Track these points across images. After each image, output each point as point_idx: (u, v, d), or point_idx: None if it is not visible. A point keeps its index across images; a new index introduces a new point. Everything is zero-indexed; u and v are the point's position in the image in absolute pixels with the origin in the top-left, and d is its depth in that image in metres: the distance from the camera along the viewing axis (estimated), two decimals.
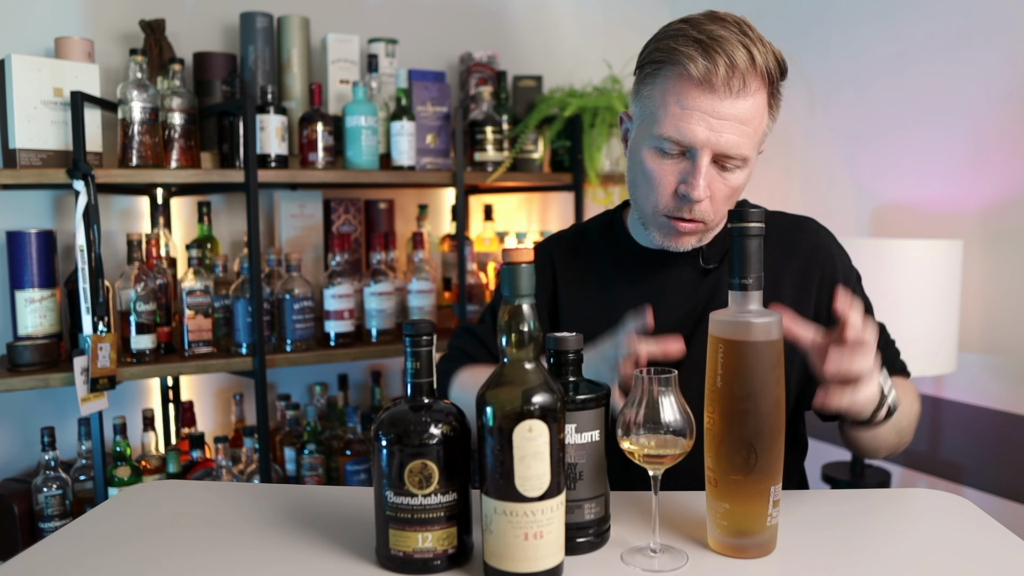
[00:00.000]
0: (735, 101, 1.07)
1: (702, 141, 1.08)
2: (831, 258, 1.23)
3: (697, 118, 1.07)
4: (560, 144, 2.50)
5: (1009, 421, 1.94)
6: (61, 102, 1.87)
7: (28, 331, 1.91)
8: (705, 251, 1.23)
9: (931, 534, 1.01)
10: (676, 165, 1.12)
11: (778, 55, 1.11)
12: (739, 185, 1.14)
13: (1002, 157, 1.92)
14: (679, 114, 1.08)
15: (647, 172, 1.14)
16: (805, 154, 2.42)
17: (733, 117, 1.07)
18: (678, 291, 1.23)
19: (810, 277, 1.21)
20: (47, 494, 1.89)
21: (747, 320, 0.90)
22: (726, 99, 1.07)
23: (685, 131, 1.08)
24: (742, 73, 1.06)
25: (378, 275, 2.23)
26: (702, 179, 1.09)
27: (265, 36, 2.21)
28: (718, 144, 1.08)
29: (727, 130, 1.07)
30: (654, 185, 1.14)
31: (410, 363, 0.90)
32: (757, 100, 1.09)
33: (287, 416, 2.31)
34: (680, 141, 1.09)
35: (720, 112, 1.07)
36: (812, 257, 1.22)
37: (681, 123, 1.08)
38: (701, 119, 1.07)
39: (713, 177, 1.11)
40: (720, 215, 1.15)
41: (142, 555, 0.96)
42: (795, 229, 1.25)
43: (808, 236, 1.24)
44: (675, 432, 0.89)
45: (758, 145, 1.14)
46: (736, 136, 1.08)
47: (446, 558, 0.89)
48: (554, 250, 1.34)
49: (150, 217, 2.27)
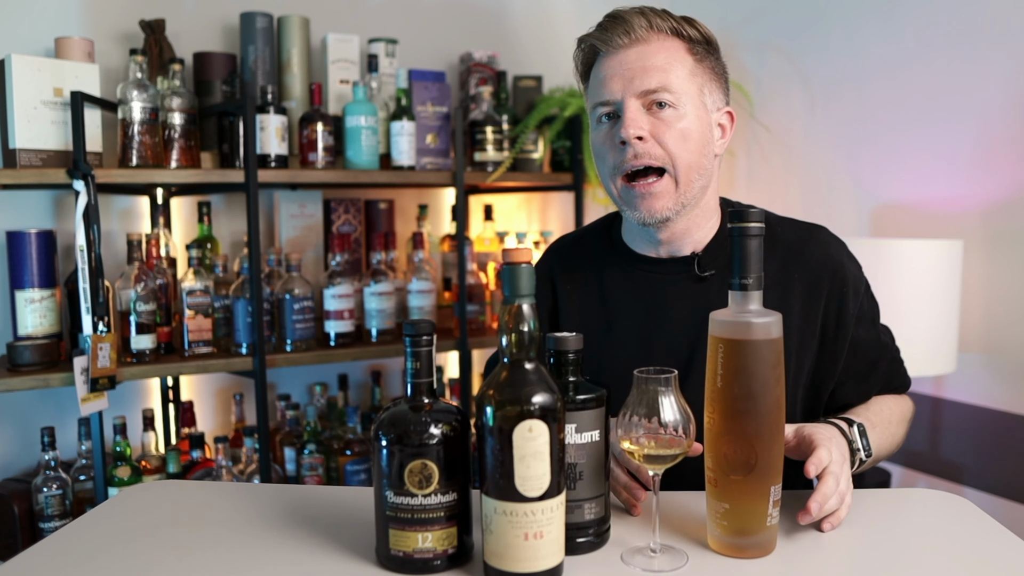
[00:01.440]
0: (640, 50, 1.15)
1: (619, 89, 1.15)
2: (841, 270, 1.22)
3: (611, 76, 1.16)
4: (560, 144, 2.50)
5: (1009, 421, 1.94)
6: (61, 102, 1.87)
7: (28, 331, 1.91)
8: (701, 258, 1.22)
9: (931, 534, 1.01)
10: (612, 126, 1.17)
11: (698, 25, 1.18)
12: (685, 128, 1.14)
13: (1002, 157, 1.92)
14: (598, 83, 1.18)
15: (596, 149, 1.21)
16: (805, 154, 2.42)
17: (641, 61, 1.14)
18: (675, 299, 1.22)
19: (819, 289, 1.20)
20: (47, 494, 1.89)
21: (747, 320, 0.90)
22: (630, 50, 1.15)
23: (603, 91, 1.16)
24: (640, 32, 1.15)
25: (378, 275, 2.23)
26: (628, 116, 1.13)
27: (265, 36, 2.21)
28: (632, 86, 1.14)
29: (638, 72, 1.14)
30: (602, 155, 1.19)
31: (410, 363, 0.90)
32: (667, 47, 1.15)
33: (287, 416, 2.31)
34: (605, 100, 1.16)
35: (628, 63, 1.15)
36: (822, 269, 1.21)
37: (601, 87, 1.17)
38: (614, 75, 1.16)
39: (652, 122, 1.14)
40: (680, 160, 1.14)
41: (142, 555, 0.96)
42: (806, 239, 1.24)
43: (819, 247, 1.23)
44: (675, 432, 0.89)
45: (689, 87, 1.15)
46: (650, 74, 1.13)
47: (446, 558, 0.89)
48: (553, 263, 1.35)
49: (150, 217, 2.27)
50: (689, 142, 1.15)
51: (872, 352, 1.24)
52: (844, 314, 1.20)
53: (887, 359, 1.27)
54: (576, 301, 1.29)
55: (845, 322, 1.20)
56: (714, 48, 1.20)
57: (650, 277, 1.24)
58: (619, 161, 1.15)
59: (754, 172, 2.57)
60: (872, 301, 1.27)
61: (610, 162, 1.17)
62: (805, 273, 1.21)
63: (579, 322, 1.27)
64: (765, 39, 2.49)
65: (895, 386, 1.29)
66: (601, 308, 1.26)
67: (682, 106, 1.14)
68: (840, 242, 1.27)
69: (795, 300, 1.19)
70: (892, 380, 1.28)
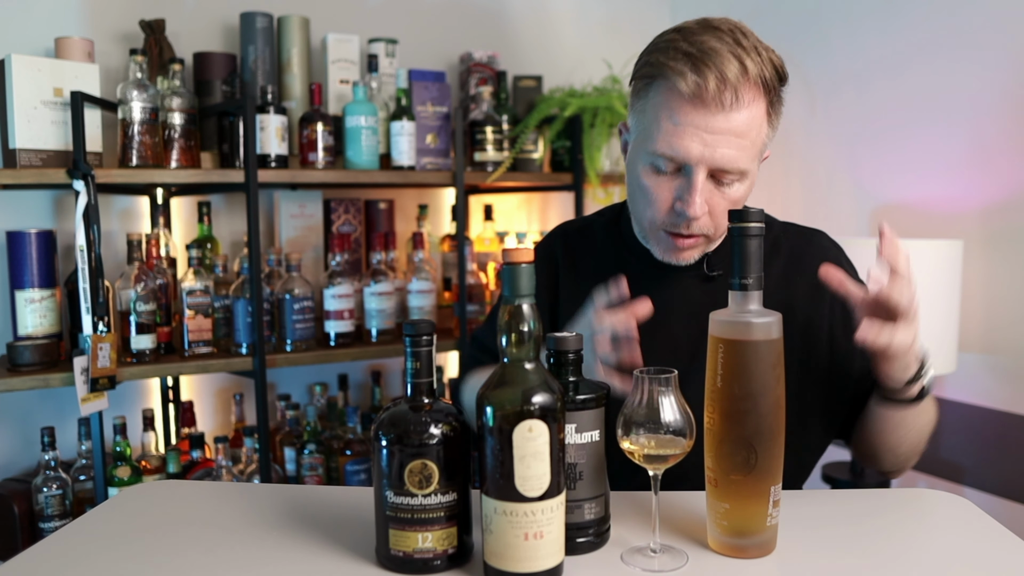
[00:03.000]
0: (728, 115, 1.04)
1: (696, 157, 1.06)
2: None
3: (690, 134, 1.05)
4: (560, 144, 2.50)
5: (1009, 421, 1.94)
6: (61, 102, 1.87)
7: (28, 331, 1.91)
8: (710, 257, 1.22)
9: (931, 534, 1.01)
10: (672, 181, 1.10)
11: (777, 62, 1.09)
12: (739, 198, 1.12)
13: (1002, 157, 1.92)
14: (672, 130, 1.06)
15: (644, 188, 1.13)
16: (805, 154, 2.42)
17: (727, 131, 1.05)
18: (682, 296, 1.22)
19: (822, 292, 1.19)
20: (47, 494, 1.89)
21: (747, 320, 0.90)
22: (719, 113, 1.04)
23: (678, 148, 1.06)
24: (734, 86, 1.03)
25: (378, 275, 2.23)
26: (698, 196, 1.07)
27: (265, 36, 2.21)
28: (712, 160, 1.06)
29: (721, 144, 1.05)
30: (651, 202, 1.12)
31: (410, 363, 0.90)
32: (753, 111, 1.07)
33: (287, 416, 2.31)
34: (674, 158, 1.07)
35: (713, 127, 1.05)
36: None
37: (674, 140, 1.06)
38: (694, 135, 1.05)
39: (711, 192, 1.09)
40: (722, 228, 1.14)
41: (142, 555, 0.96)
42: (807, 243, 1.24)
43: (819, 251, 1.23)
44: (675, 432, 0.89)
45: (757, 156, 1.12)
46: (731, 150, 1.06)
47: (446, 558, 0.88)
48: (557, 246, 1.33)
49: (150, 217, 2.27)
50: (737, 206, 1.12)
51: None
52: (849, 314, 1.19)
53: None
54: (577, 290, 1.27)
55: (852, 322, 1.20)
56: (785, 84, 1.12)
57: (657, 275, 1.23)
58: (669, 223, 1.12)
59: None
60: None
61: (658, 216, 1.12)
62: (807, 276, 1.20)
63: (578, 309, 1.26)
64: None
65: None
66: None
67: (746, 180, 1.11)
68: (839, 246, 1.27)
69: (798, 303, 1.19)
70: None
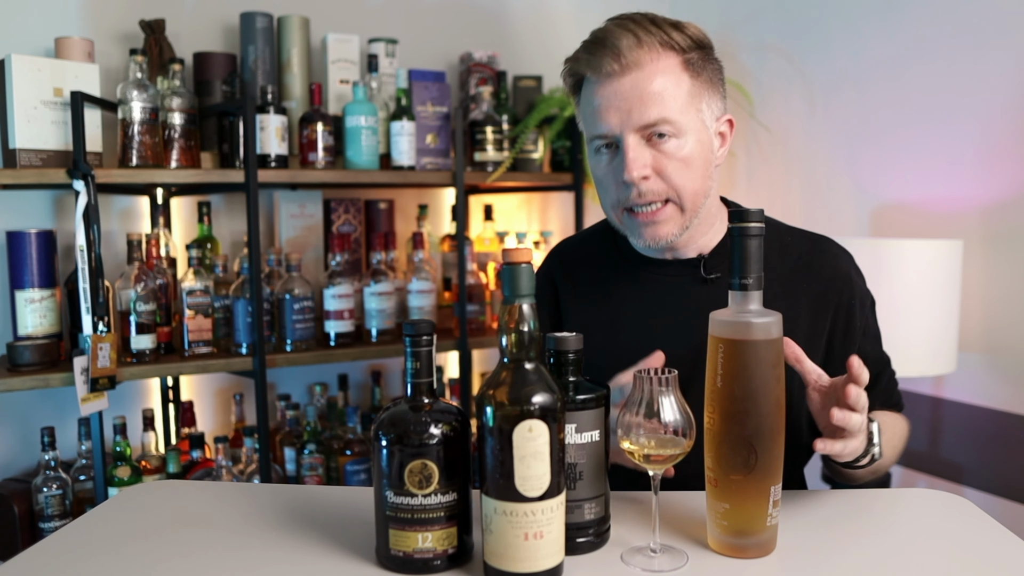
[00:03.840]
0: (632, 76, 1.09)
1: (617, 124, 1.11)
2: (849, 283, 1.22)
3: (606, 108, 1.11)
4: (560, 144, 2.50)
5: (1009, 421, 1.94)
6: (61, 102, 1.87)
7: (28, 331, 1.91)
8: (707, 259, 1.22)
9: (931, 534, 1.01)
10: (612, 158, 1.15)
11: (692, 31, 1.13)
12: (686, 156, 1.12)
13: (1002, 157, 1.92)
14: (593, 113, 1.13)
15: (598, 180, 1.18)
16: (805, 154, 2.42)
17: (637, 91, 1.09)
18: (679, 300, 1.22)
19: (827, 300, 1.20)
20: (47, 494, 1.89)
21: (747, 320, 0.90)
22: (623, 78, 1.10)
23: (601, 124, 1.12)
24: (629, 54, 1.09)
25: (378, 275, 2.23)
26: (630, 154, 1.10)
27: (265, 36, 2.21)
28: (631, 120, 1.10)
29: (635, 105, 1.10)
30: (605, 187, 1.17)
31: (410, 363, 0.90)
32: (659, 66, 1.10)
33: (287, 416, 2.31)
34: (604, 135, 1.13)
35: (622, 92, 1.10)
36: (831, 281, 1.21)
37: (597, 120, 1.13)
38: (609, 107, 1.11)
39: (653, 155, 1.11)
40: (685, 189, 1.13)
41: (142, 555, 0.96)
42: (815, 250, 1.24)
43: (828, 259, 1.23)
44: (675, 432, 0.89)
45: (688, 109, 1.12)
46: (647, 106, 1.09)
47: (446, 558, 0.89)
48: (554, 266, 1.35)
49: (150, 217, 2.27)
50: (692, 169, 1.13)
51: (875, 367, 1.23)
52: (852, 325, 1.21)
53: (887, 376, 1.28)
54: (579, 304, 1.29)
55: (852, 333, 1.21)
56: (708, 50, 1.15)
57: (655, 279, 1.24)
58: (623, 197, 1.14)
59: (754, 172, 2.57)
60: (875, 317, 1.27)
61: (613, 197, 1.16)
62: (814, 283, 1.20)
63: (582, 320, 1.27)
64: (765, 39, 2.49)
65: (893, 403, 1.29)
66: (605, 310, 1.26)
67: (683, 134, 1.11)
68: (848, 255, 1.27)
69: (802, 310, 1.19)
70: (891, 397, 1.29)
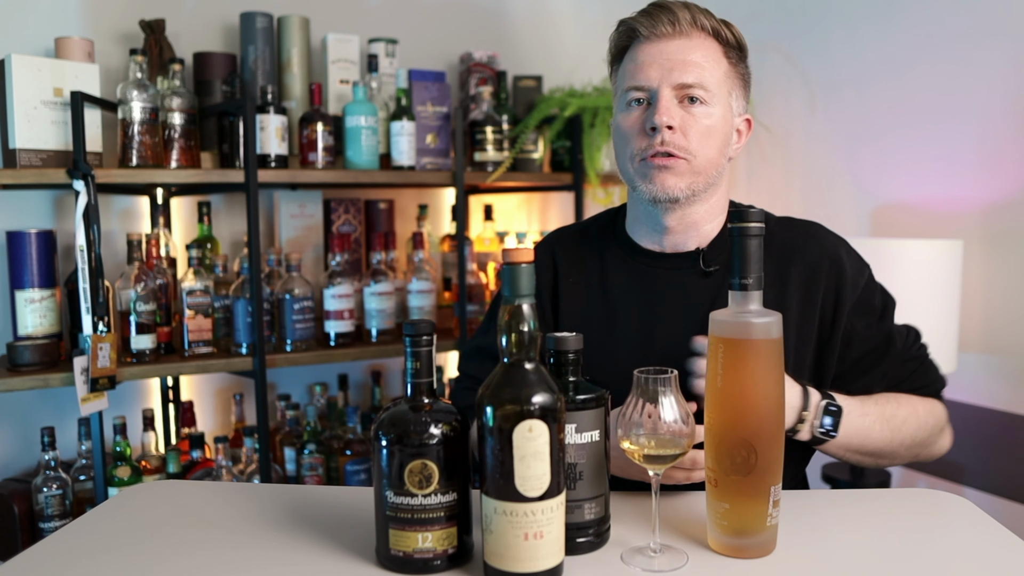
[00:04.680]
0: (681, 43, 1.17)
1: (656, 78, 1.16)
2: (838, 262, 1.22)
3: (649, 64, 1.17)
4: (560, 144, 2.50)
5: (1009, 421, 1.94)
6: (61, 102, 1.87)
7: (28, 331, 1.91)
8: (706, 253, 1.22)
9: (931, 534, 1.01)
10: (643, 111, 1.18)
11: (736, 31, 1.21)
12: (712, 124, 1.17)
13: (1002, 157, 1.92)
14: (635, 68, 1.19)
15: (621, 130, 1.21)
16: (805, 154, 2.42)
17: (682, 55, 1.16)
18: (678, 293, 1.22)
19: (816, 283, 1.21)
20: (47, 494, 1.89)
21: (747, 320, 0.90)
22: (672, 42, 1.17)
23: (640, 77, 1.17)
24: (684, 25, 1.17)
25: (378, 275, 2.23)
26: (663, 103, 1.15)
27: (265, 36, 2.21)
28: (671, 77, 1.16)
29: (678, 66, 1.16)
30: (628, 137, 1.20)
31: (410, 363, 0.90)
32: (706, 46, 1.18)
33: (287, 416, 2.31)
34: (640, 86, 1.18)
35: (668, 53, 1.17)
36: (818, 263, 1.21)
37: (638, 72, 1.18)
38: (652, 63, 1.17)
39: (682, 114, 1.16)
40: (701, 155, 1.16)
41: (142, 555, 0.96)
42: (801, 236, 1.24)
43: (814, 243, 1.24)
44: (675, 432, 0.89)
45: (721, 88, 1.18)
46: (689, 68, 1.16)
47: (446, 558, 0.89)
48: (556, 248, 1.34)
49: (150, 217, 2.27)
50: (713, 139, 1.17)
51: (874, 345, 1.23)
52: (840, 305, 1.21)
53: (896, 356, 1.25)
54: (577, 292, 1.28)
55: (840, 312, 1.21)
56: (744, 54, 1.23)
57: (653, 271, 1.24)
58: (645, 146, 1.17)
59: (754, 172, 2.57)
60: (876, 294, 1.26)
61: (635, 146, 1.18)
62: (802, 268, 1.21)
63: (580, 314, 1.26)
64: (765, 39, 2.48)
65: (916, 387, 1.28)
66: (603, 301, 1.26)
67: (713, 104, 1.17)
68: (837, 237, 1.27)
69: (792, 297, 1.20)
70: (907, 379, 1.27)
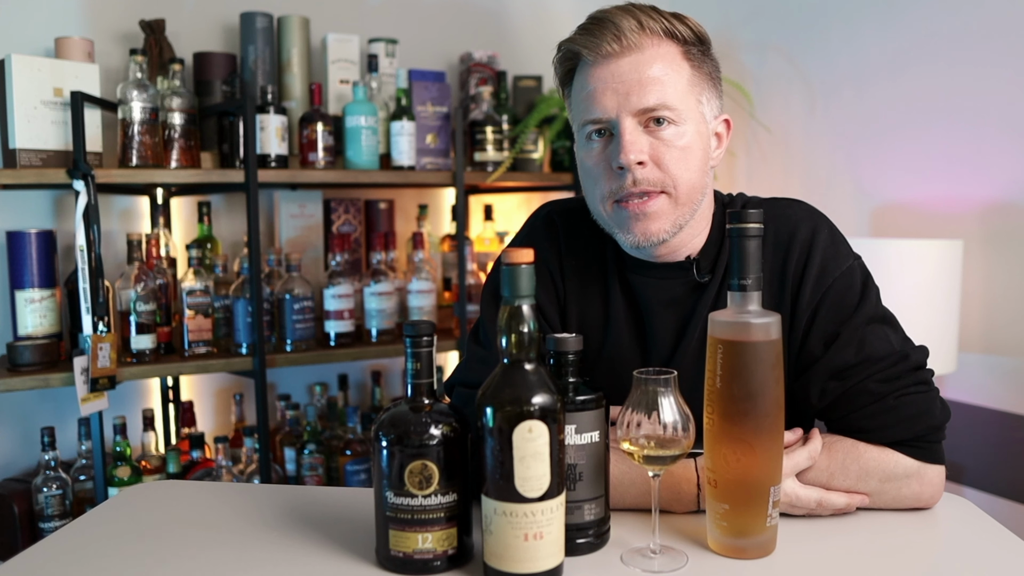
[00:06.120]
0: (632, 58, 1.03)
1: (613, 108, 1.04)
2: (807, 248, 1.09)
3: (602, 91, 1.04)
4: (560, 144, 2.50)
5: (1009, 421, 1.94)
6: (61, 102, 1.87)
7: (28, 331, 1.91)
8: (698, 261, 1.14)
9: (931, 534, 1.01)
10: (606, 146, 1.07)
11: (693, 24, 1.07)
12: (686, 144, 1.05)
13: (1002, 157, 1.92)
14: (588, 97, 1.06)
15: (587, 169, 1.09)
16: (805, 154, 2.42)
17: (636, 74, 1.03)
18: (670, 304, 1.15)
19: (786, 273, 1.09)
20: (47, 494, 1.89)
21: (746, 320, 0.90)
22: (622, 60, 1.03)
23: (595, 108, 1.05)
24: (631, 37, 1.03)
25: (378, 275, 2.23)
26: (627, 138, 1.03)
27: (265, 36, 2.21)
28: (629, 104, 1.03)
29: (634, 88, 1.03)
30: (595, 177, 1.08)
31: (410, 363, 0.90)
32: (661, 52, 1.04)
33: (287, 416, 2.31)
34: (598, 119, 1.05)
35: (620, 75, 1.03)
36: (789, 250, 1.10)
37: (592, 103, 1.05)
38: (605, 90, 1.04)
39: (650, 142, 1.04)
40: (682, 182, 1.05)
41: (142, 555, 0.96)
42: (778, 217, 1.12)
43: (788, 226, 1.11)
44: (675, 432, 0.89)
45: (687, 97, 1.05)
46: (647, 88, 1.03)
47: (446, 559, 0.89)
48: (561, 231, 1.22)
49: (150, 217, 2.27)
50: (690, 160, 1.05)
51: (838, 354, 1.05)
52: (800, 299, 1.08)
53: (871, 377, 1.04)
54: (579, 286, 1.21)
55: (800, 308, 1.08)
56: (707, 47, 1.09)
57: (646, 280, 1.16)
58: (616, 187, 1.05)
59: (754, 172, 2.57)
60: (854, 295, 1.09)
61: (604, 188, 1.06)
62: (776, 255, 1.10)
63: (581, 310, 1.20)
64: (765, 39, 2.48)
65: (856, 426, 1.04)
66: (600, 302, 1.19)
67: (683, 122, 1.04)
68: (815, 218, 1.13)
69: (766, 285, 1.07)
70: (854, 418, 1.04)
